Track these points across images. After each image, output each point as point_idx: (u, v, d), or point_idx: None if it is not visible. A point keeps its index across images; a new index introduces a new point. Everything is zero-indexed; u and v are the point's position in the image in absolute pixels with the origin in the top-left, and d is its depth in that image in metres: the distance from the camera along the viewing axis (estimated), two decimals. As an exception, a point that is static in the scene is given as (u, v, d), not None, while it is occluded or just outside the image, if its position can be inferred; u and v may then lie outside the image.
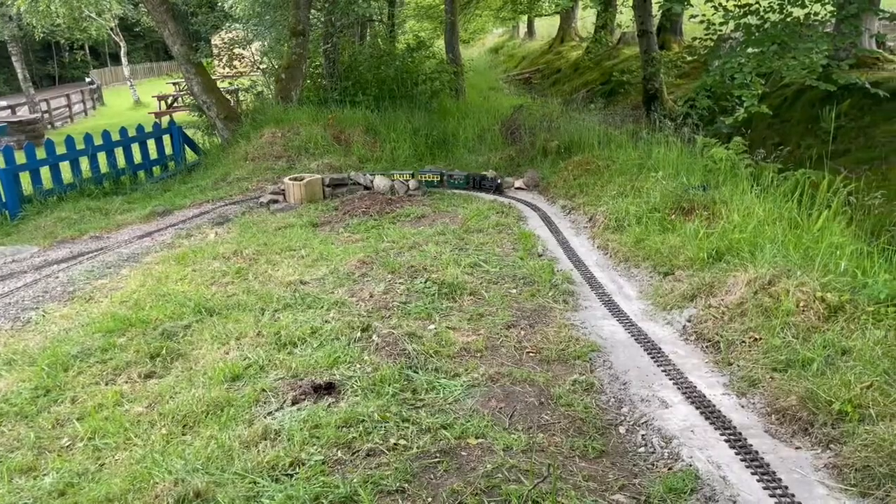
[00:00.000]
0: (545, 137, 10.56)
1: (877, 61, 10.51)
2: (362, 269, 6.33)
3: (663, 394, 4.18)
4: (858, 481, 3.25)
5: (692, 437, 3.72)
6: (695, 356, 4.66)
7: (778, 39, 8.05)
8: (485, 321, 5.22)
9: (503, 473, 3.41)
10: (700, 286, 5.30)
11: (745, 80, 7.96)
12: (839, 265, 5.05)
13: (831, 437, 3.57)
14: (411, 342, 4.80)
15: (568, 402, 4.11)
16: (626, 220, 6.89)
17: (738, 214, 6.07)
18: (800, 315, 4.57)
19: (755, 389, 4.10)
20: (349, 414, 3.93)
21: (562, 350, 4.75)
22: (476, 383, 4.35)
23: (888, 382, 3.69)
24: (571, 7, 26.30)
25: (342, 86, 13.23)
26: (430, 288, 5.74)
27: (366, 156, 10.82)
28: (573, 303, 5.58)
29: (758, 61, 7.94)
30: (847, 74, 8.47)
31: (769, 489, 3.28)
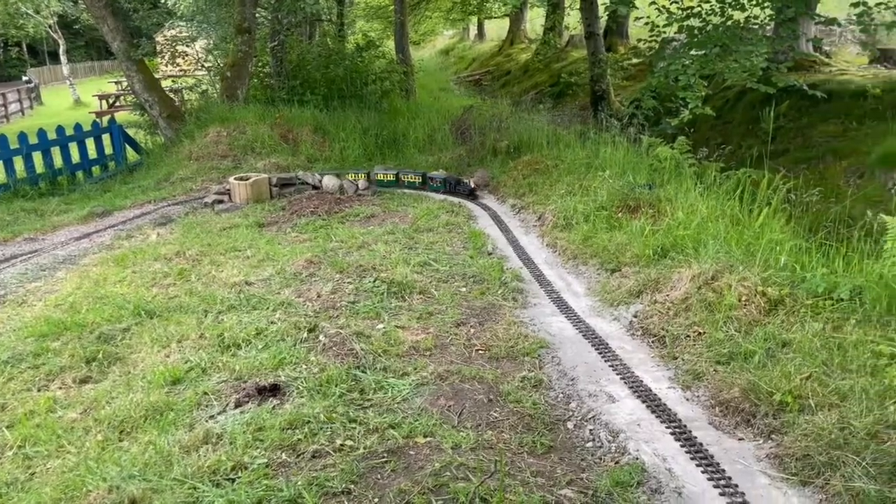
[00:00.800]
0: (495, 137, 10.58)
1: (813, 64, 10.87)
2: (310, 269, 6.22)
3: (610, 389, 4.21)
4: (799, 470, 3.31)
5: (639, 431, 3.75)
6: (641, 351, 4.71)
7: (720, 42, 8.24)
8: (434, 319, 5.18)
9: (451, 472, 3.37)
10: (646, 282, 5.36)
11: (688, 82, 8.12)
12: (779, 260, 5.17)
13: (773, 427, 3.64)
14: (359, 342, 4.72)
15: (517, 399, 4.10)
16: (575, 218, 6.94)
17: (682, 212, 6.18)
18: (742, 309, 4.66)
19: (699, 382, 4.16)
20: (294, 415, 3.83)
21: (511, 347, 4.74)
22: (425, 382, 4.30)
23: (826, 373, 3.78)
24: (520, 9, 26.51)
25: (290, 85, 13.03)
26: (378, 287, 5.67)
27: (314, 155, 10.67)
28: (522, 300, 5.59)
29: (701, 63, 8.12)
30: (786, 77, 8.73)
31: (713, 480, 3.33)
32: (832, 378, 3.72)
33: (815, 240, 5.27)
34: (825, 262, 5.02)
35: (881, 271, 4.54)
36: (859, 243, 4.97)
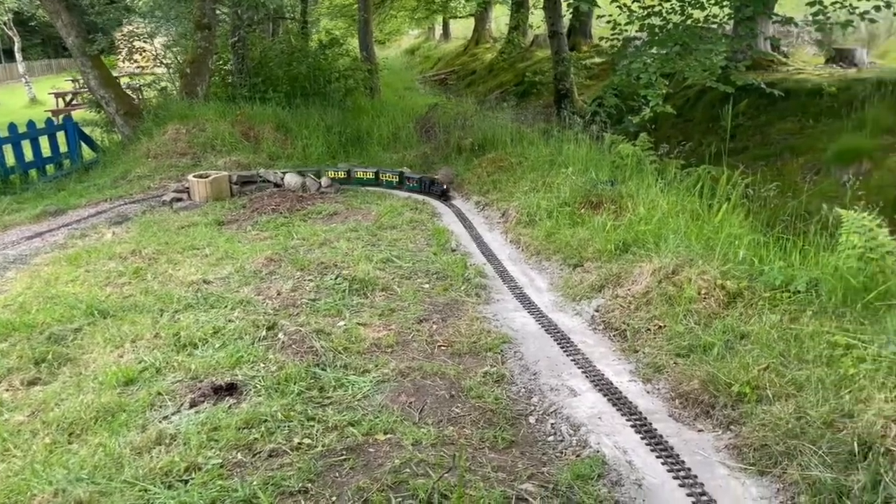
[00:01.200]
0: (459, 135, 10.56)
1: (771, 63, 11.07)
2: (270, 267, 6.11)
3: (572, 383, 4.20)
4: (757, 460, 3.33)
5: (600, 424, 3.74)
6: (603, 345, 4.71)
7: (680, 41, 8.34)
8: (396, 316, 5.12)
9: (411, 468, 3.32)
10: (608, 277, 5.38)
11: (650, 80, 8.19)
12: (738, 254, 5.23)
13: (731, 418, 3.66)
14: (319, 339, 4.64)
15: (479, 395, 4.06)
16: (538, 214, 6.94)
17: (643, 207, 6.22)
18: (701, 302, 4.70)
19: (660, 375, 4.18)
20: (251, 415, 3.74)
21: (473, 343, 4.71)
22: (386, 378, 4.24)
23: (783, 364, 3.82)
24: (485, 9, 26.57)
25: (251, 82, 12.83)
26: (340, 284, 5.59)
27: (276, 153, 10.52)
28: (485, 296, 5.56)
29: (661, 62, 8.20)
30: (744, 76, 8.87)
31: (673, 472, 3.33)
32: (789, 369, 3.76)
33: (773, 234, 5.33)
34: (782, 256, 5.09)
35: (836, 263, 4.61)
36: (815, 237, 5.04)
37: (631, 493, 3.18)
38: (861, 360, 3.63)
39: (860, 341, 3.79)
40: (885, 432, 3.06)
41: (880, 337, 3.79)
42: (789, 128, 8.97)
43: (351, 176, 9.25)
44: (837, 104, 8.76)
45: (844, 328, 4.01)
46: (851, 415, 3.24)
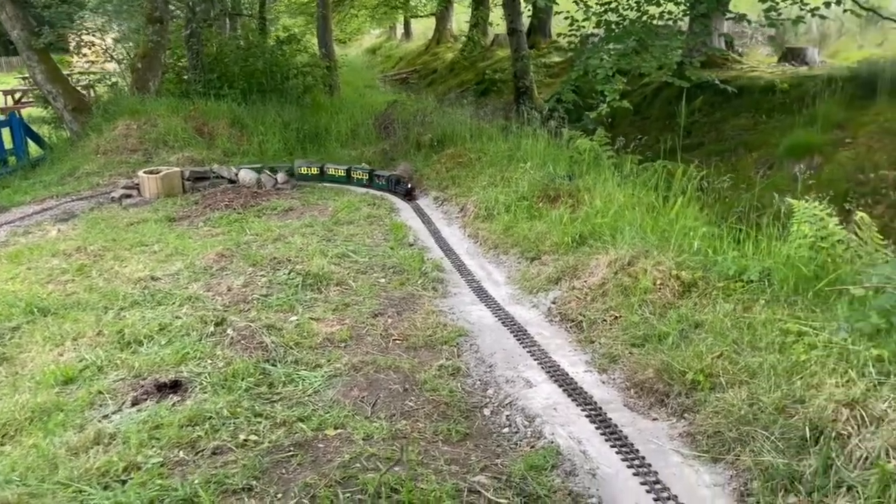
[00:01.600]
0: (418, 132, 10.48)
1: (726, 61, 11.23)
2: (221, 263, 5.94)
3: (528, 374, 4.14)
4: (710, 447, 3.32)
5: (555, 415, 3.69)
6: (559, 336, 4.68)
7: (636, 36, 8.39)
8: (351, 311, 5.02)
9: (361, 463, 3.22)
10: (564, 269, 5.35)
11: (607, 75, 8.22)
12: (692, 245, 5.24)
13: (685, 406, 3.64)
14: (270, 335, 4.51)
15: (433, 388, 3.98)
16: (496, 208, 6.90)
17: (600, 200, 6.22)
18: (657, 293, 4.69)
19: (615, 365, 4.15)
20: (195, 412, 3.60)
21: (429, 336, 4.63)
22: (338, 373, 4.13)
23: (736, 351, 3.82)
24: (446, 8, 26.53)
25: (206, 78, 12.55)
26: (293, 279, 5.46)
27: (231, 149, 10.30)
28: (442, 290, 5.49)
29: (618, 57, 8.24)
30: (699, 72, 8.96)
31: (627, 461, 3.29)
32: (742, 356, 3.76)
33: (727, 225, 5.36)
34: (736, 246, 5.12)
35: (788, 252, 4.65)
36: (768, 228, 5.07)
37: (585, 483, 3.13)
38: (812, 347, 3.64)
39: (811, 328, 3.81)
40: (835, 417, 3.06)
41: (831, 324, 3.81)
42: (743, 124, 9.10)
43: (324, 172, 9.07)
44: (789, 100, 8.91)
45: (796, 316, 4.02)
46: (803, 400, 3.24)
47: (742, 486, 3.08)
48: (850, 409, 3.08)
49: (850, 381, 3.20)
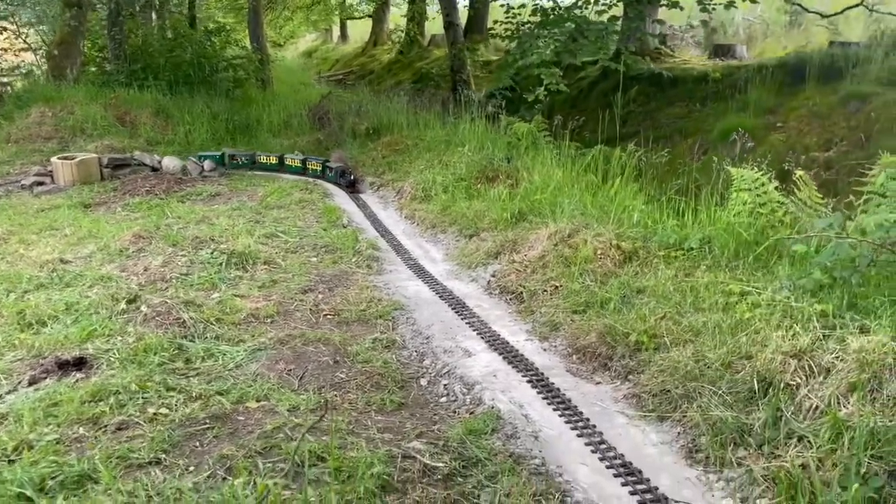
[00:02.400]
0: (354, 122, 10.21)
1: (659, 55, 11.37)
2: (138, 245, 5.53)
3: (467, 344, 3.93)
4: (657, 406, 3.17)
5: (495, 382, 3.49)
6: (499, 308, 4.49)
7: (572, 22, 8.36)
8: (279, 287, 4.71)
9: (285, 433, 2.94)
10: (504, 243, 5.18)
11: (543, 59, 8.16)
12: (632, 217, 5.16)
13: (629, 368, 3.49)
14: (188, 310, 4.16)
15: (366, 360, 3.73)
16: (434, 189, 6.70)
17: (539, 177, 6.09)
18: (597, 262, 4.56)
19: (557, 332, 3.98)
20: (98, 387, 3.25)
21: (362, 311, 4.37)
22: (263, 347, 3.83)
23: (679, 313, 3.70)
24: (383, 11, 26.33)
25: (130, 69, 11.96)
26: (217, 258, 5.11)
27: (155, 138, 9.78)
28: (377, 267, 5.23)
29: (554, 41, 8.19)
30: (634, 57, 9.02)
31: (571, 423, 3.11)
32: (685, 317, 3.64)
33: (666, 196, 5.29)
34: (676, 217, 5.05)
35: (728, 219, 4.59)
36: (707, 197, 5.02)
37: (527, 445, 2.93)
38: (756, 306, 3.55)
39: (754, 289, 3.72)
40: (783, 368, 2.96)
41: (773, 283, 3.75)
42: (677, 112, 9.18)
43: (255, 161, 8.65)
44: (722, 88, 9.04)
45: (738, 278, 3.94)
46: (749, 356, 3.13)
47: (690, 442, 2.94)
48: (798, 359, 2.98)
49: (796, 335, 3.11)
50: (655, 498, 2.60)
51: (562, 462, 2.82)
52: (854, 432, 2.58)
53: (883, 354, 2.83)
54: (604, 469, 2.80)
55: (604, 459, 2.85)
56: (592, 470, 2.80)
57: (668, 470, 2.81)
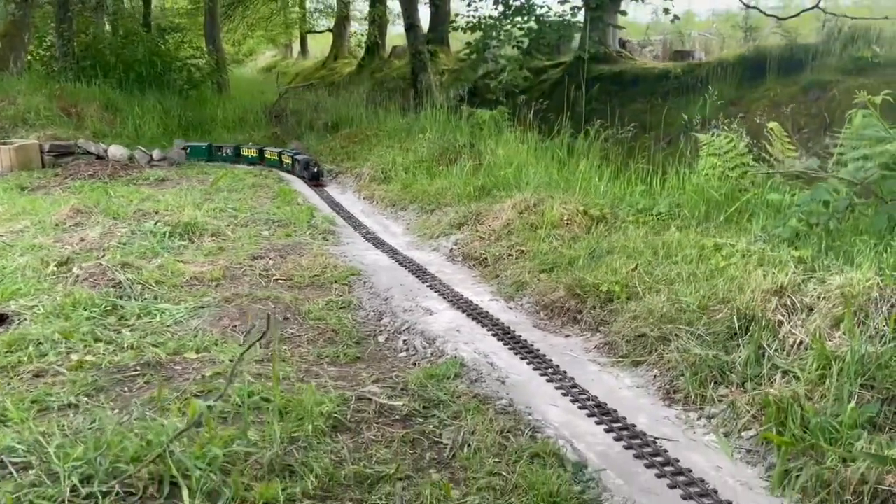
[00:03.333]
0: (312, 117, 9.98)
1: (620, 57, 11.41)
2: (76, 218, 5.16)
3: (428, 304, 3.68)
4: (631, 351, 2.96)
5: (458, 335, 3.24)
6: (462, 273, 4.26)
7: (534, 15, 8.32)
8: (226, 255, 4.41)
9: (226, 378, 2.63)
10: (467, 215, 4.97)
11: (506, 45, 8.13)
12: (599, 189, 5.01)
13: (600, 319, 3.29)
14: (125, 272, 3.83)
15: (319, 317, 3.46)
16: (394, 171, 6.48)
17: (503, 151, 5.92)
18: (565, 228, 4.38)
19: (523, 292, 3.76)
20: (16, 338, 2.91)
21: (316, 276, 4.09)
22: (206, 305, 3.53)
23: (651, 266, 3.52)
24: (343, 25, 26.21)
25: (79, 67, 11.49)
26: (160, 229, 4.78)
27: (103, 131, 9.34)
28: (334, 240, 4.97)
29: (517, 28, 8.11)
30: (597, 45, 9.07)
31: (540, 370, 2.88)
32: (658, 268, 3.46)
33: (635, 165, 5.15)
34: (645, 185, 4.91)
35: (698, 181, 4.46)
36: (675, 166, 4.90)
37: (493, 388, 2.69)
38: (730, 256, 3.39)
39: (728, 242, 3.57)
40: (764, 306, 2.78)
41: (748, 236, 3.60)
42: (639, 108, 9.14)
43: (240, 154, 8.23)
44: (683, 85, 9.05)
45: (711, 236, 3.79)
46: (727, 300, 2.95)
47: (667, 383, 2.73)
48: (779, 297, 2.81)
49: (775, 277, 2.94)
50: (633, 434, 2.38)
51: (531, 403, 2.58)
52: (843, 363, 2.41)
53: (868, 289, 2.68)
54: (576, 409, 2.57)
55: (576, 401, 2.62)
56: (564, 410, 2.57)
57: (646, 410, 2.59)
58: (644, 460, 2.23)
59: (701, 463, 2.24)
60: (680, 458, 2.24)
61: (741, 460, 2.28)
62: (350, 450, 2.23)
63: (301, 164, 7.31)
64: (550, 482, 2.03)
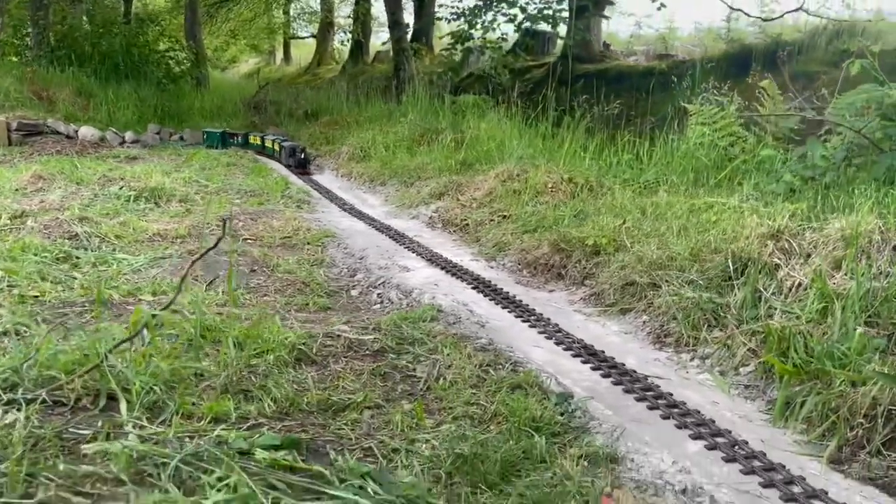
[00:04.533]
0: (292, 107, 9.79)
1: (604, 57, 11.39)
2: (38, 184, 4.91)
3: (405, 262, 3.49)
4: (618, 299, 2.80)
5: (436, 288, 3.06)
6: (441, 237, 4.08)
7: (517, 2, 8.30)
8: (194, 217, 4.18)
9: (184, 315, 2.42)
10: (449, 185, 4.80)
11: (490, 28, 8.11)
12: (584, 160, 4.87)
13: (586, 272, 3.12)
14: (83, 226, 3.61)
15: (289, 271, 3.25)
16: (374, 149, 6.30)
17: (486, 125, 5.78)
18: (549, 194, 4.22)
19: (504, 252, 3.59)
20: (-44, 274, 2.68)
21: (287, 237, 3.89)
22: (167, 256, 3.31)
23: (639, 222, 3.36)
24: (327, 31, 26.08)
25: (54, 56, 11.21)
26: (126, 193, 4.55)
27: (75, 115, 9.04)
28: (308, 209, 4.77)
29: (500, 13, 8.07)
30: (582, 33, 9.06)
31: (522, 317, 2.70)
32: (647, 224, 3.31)
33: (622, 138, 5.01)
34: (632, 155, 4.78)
35: (687, 148, 4.33)
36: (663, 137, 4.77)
37: (472, 329, 2.50)
38: (722, 212, 3.24)
39: (719, 201, 3.43)
40: (761, 250, 2.63)
41: (740, 195, 3.46)
42: (624, 103, 9.06)
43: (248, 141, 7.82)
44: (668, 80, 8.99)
45: (702, 198, 3.64)
46: (718, 250, 2.79)
47: (658, 328, 2.57)
48: (776, 241, 2.66)
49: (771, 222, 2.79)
50: (622, 372, 2.20)
51: (513, 344, 2.40)
52: (845, 300, 2.25)
53: (869, 231, 2.54)
54: (561, 351, 2.39)
55: (560, 343, 2.44)
56: (548, 351, 2.39)
57: (635, 353, 2.42)
58: (634, 394, 2.05)
59: (695, 398, 2.07)
60: (673, 393, 2.06)
61: (739, 396, 2.11)
62: (315, 380, 2.03)
63: (289, 151, 6.55)
64: (532, 408, 1.84)
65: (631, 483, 1.60)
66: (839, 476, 1.68)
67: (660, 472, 1.63)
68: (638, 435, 1.80)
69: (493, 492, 1.52)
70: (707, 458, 1.71)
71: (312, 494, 1.47)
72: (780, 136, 4.01)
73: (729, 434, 1.81)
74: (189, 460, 1.41)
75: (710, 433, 1.82)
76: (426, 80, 13.95)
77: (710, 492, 1.54)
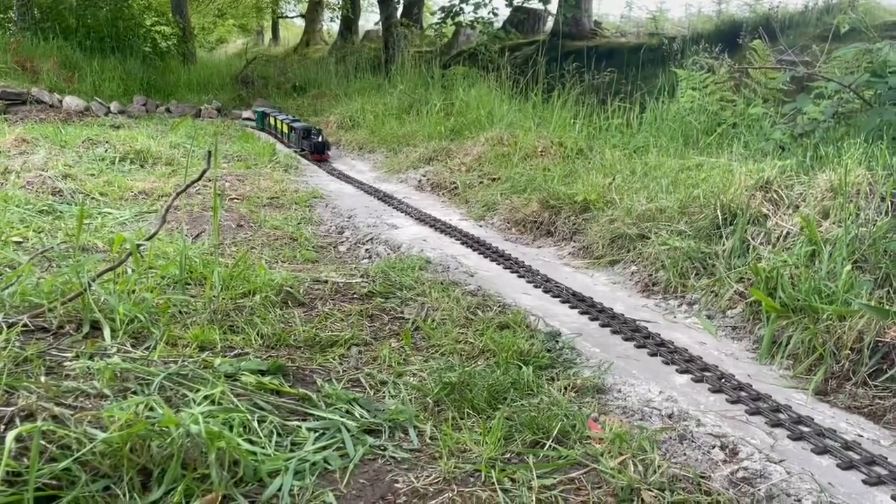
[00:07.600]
0: (280, 80, 9.69)
1: (595, 35, 11.34)
2: (21, 147, 4.83)
3: (393, 220, 3.48)
4: (607, 252, 2.80)
5: (425, 243, 3.04)
6: (430, 199, 4.06)
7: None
8: (178, 177, 4.14)
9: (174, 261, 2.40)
10: (438, 151, 4.78)
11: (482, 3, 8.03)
12: (574, 126, 4.85)
13: (575, 228, 3.11)
14: (68, 182, 3.56)
15: (275, 226, 3.23)
16: (362, 117, 6.26)
17: (476, 92, 5.74)
18: (539, 157, 4.20)
19: (493, 212, 3.58)
20: (-64, 220, 2.64)
21: (275, 197, 3.86)
22: (152, 211, 3.28)
23: (629, 180, 3.35)
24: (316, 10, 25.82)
25: (38, 28, 11.02)
26: (110, 155, 4.50)
27: (59, 86, 8.92)
28: (296, 173, 4.73)
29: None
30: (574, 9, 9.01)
31: (510, 269, 2.70)
32: (637, 181, 3.30)
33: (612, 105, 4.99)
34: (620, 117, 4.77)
35: (677, 111, 4.33)
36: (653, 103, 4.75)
37: (461, 278, 2.50)
38: (713, 170, 3.24)
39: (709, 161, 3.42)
40: (749, 201, 2.62)
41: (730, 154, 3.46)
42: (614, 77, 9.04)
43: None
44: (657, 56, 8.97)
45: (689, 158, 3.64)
46: (707, 205, 2.79)
47: (646, 277, 2.57)
48: (765, 192, 2.66)
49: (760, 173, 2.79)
50: (610, 316, 2.20)
51: (501, 292, 2.39)
52: (833, 246, 2.26)
53: (857, 182, 2.55)
54: (549, 297, 2.39)
55: (548, 291, 2.43)
56: (536, 298, 2.38)
57: (622, 300, 2.42)
58: (622, 335, 2.05)
59: (683, 339, 2.07)
60: (661, 334, 2.06)
61: (726, 336, 2.11)
62: (302, 319, 2.01)
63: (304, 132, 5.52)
64: (520, 344, 1.84)
65: (618, 410, 1.59)
66: (825, 406, 1.68)
67: (647, 401, 1.63)
68: (625, 369, 1.80)
69: (481, 417, 1.52)
70: (694, 389, 1.72)
71: (299, 416, 1.46)
72: (769, 97, 4.01)
73: (716, 369, 1.81)
74: (174, 379, 1.40)
75: (698, 368, 1.82)
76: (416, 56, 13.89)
77: (696, 416, 1.54)
